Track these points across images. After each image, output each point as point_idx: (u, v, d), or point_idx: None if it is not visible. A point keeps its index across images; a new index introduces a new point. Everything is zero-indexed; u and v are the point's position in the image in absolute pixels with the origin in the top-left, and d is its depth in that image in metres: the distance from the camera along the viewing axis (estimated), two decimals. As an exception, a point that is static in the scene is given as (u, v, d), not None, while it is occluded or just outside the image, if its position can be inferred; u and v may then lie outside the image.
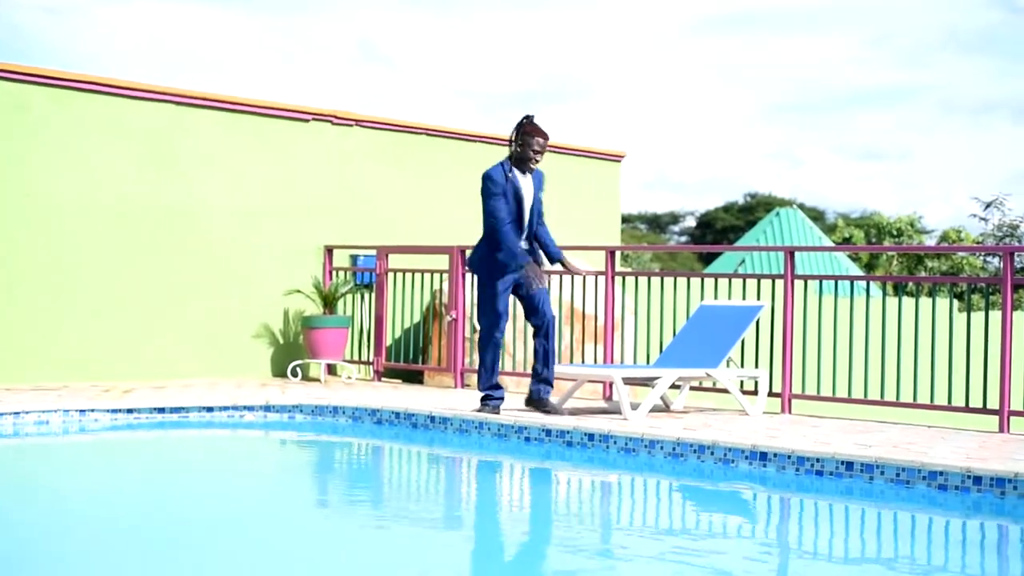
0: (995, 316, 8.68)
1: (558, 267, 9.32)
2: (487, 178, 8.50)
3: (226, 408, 9.33)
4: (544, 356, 8.68)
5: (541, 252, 8.75)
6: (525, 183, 8.56)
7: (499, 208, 8.44)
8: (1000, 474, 6.35)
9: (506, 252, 8.46)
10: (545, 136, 8.52)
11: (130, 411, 8.95)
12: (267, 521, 5.89)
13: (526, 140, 8.48)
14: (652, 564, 5.17)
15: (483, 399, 8.72)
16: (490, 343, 8.65)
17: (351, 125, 12.51)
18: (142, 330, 10.99)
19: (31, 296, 10.41)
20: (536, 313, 8.66)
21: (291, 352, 11.87)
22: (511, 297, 8.78)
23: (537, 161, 8.54)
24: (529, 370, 10.48)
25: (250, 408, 9.40)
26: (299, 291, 11.79)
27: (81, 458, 8.16)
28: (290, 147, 12.06)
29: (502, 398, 8.74)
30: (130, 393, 9.67)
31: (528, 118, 8.54)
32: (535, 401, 8.71)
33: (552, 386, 8.77)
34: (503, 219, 8.44)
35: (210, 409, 9.27)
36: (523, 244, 8.60)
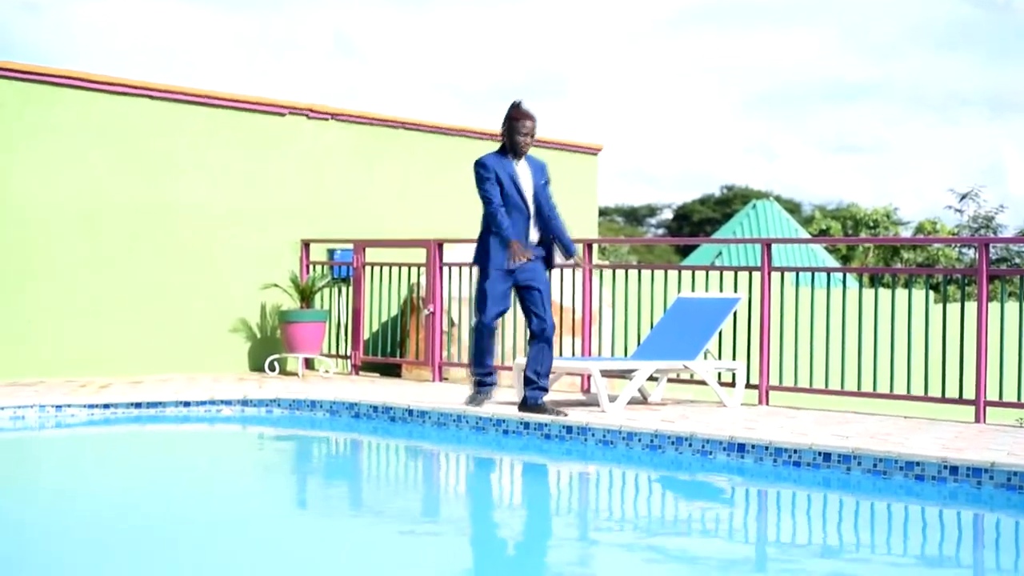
0: (971, 307, 8.71)
1: (565, 260, 8.99)
2: (478, 164, 8.34)
3: (203, 403, 9.30)
4: (540, 362, 8.37)
5: (556, 246, 8.52)
6: (521, 169, 8.39)
7: (490, 192, 8.28)
8: (976, 464, 6.38)
9: (497, 231, 8.27)
10: (532, 118, 8.35)
11: (107, 406, 8.91)
12: (243, 516, 5.87)
13: (513, 125, 8.34)
14: (630, 556, 5.18)
15: (475, 384, 8.58)
16: (480, 329, 8.44)
17: (327, 119, 12.47)
18: (119, 325, 10.94)
19: (7, 293, 10.35)
20: (535, 317, 8.39)
21: (268, 346, 11.84)
22: (511, 294, 8.48)
23: (527, 144, 8.35)
24: (507, 363, 10.47)
25: (227, 402, 9.37)
26: (276, 285, 11.75)
27: (57, 453, 8.13)
28: (266, 141, 12.03)
29: (494, 383, 8.61)
30: (107, 388, 9.63)
31: (515, 104, 8.45)
32: (531, 407, 8.32)
33: (547, 391, 8.48)
34: (494, 202, 8.26)
35: (187, 404, 9.24)
36: (533, 233, 8.41)
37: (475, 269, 8.65)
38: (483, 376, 8.57)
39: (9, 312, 10.36)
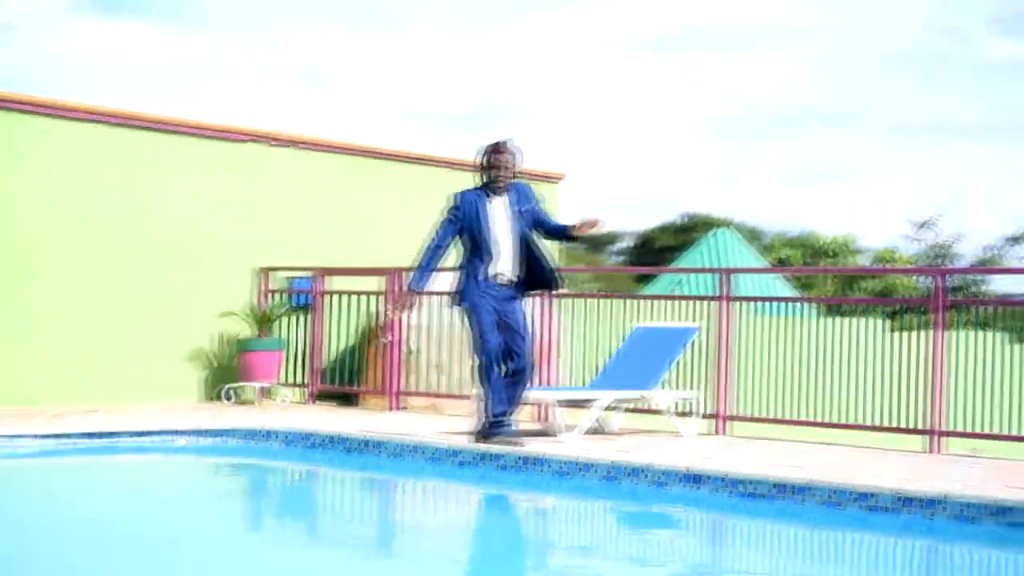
0: (927, 336, 8.76)
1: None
2: (451, 199, 8.36)
3: (157, 433, 9.20)
4: (512, 401, 8.33)
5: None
6: (497, 206, 8.31)
7: (440, 231, 8.34)
8: (930, 495, 6.40)
9: (414, 270, 8.37)
10: (511, 153, 8.32)
11: (59, 436, 8.80)
12: (193, 547, 5.81)
13: (491, 160, 8.32)
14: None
15: (491, 426, 8.29)
16: (488, 364, 8.26)
17: (288, 147, 12.44)
18: (73, 354, 10.83)
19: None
20: (514, 357, 8.32)
21: (225, 375, 11.75)
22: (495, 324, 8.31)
23: (503, 180, 8.31)
24: (463, 392, 10.44)
25: (182, 432, 9.28)
26: (233, 313, 11.68)
27: (6, 484, 8.02)
28: (227, 169, 11.97)
29: (509, 425, 8.31)
30: (60, 418, 9.53)
31: (499, 141, 8.38)
32: (495, 436, 8.25)
33: (510, 428, 8.38)
34: (431, 239, 8.34)
35: (141, 434, 9.14)
36: (508, 268, 8.30)
37: (457, 311, 8.60)
38: (497, 418, 8.27)
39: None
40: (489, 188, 8.36)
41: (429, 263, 8.38)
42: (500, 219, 8.32)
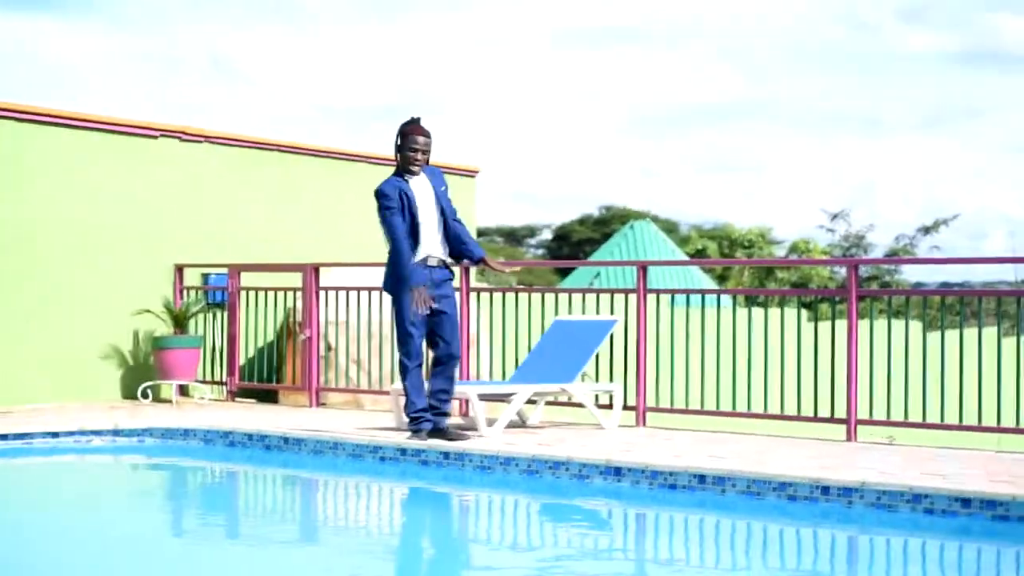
0: (842, 326, 8.87)
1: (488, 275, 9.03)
2: (379, 194, 8.11)
3: (72, 433, 9.06)
4: (441, 393, 8.25)
5: (463, 255, 8.32)
6: (419, 187, 8.18)
7: (395, 225, 8.06)
8: (847, 484, 6.48)
9: (401, 270, 8.08)
10: (426, 134, 8.19)
11: (-30, 438, 8.64)
12: (108, 549, 5.72)
13: (405, 141, 8.16)
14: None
15: (411, 422, 8.25)
16: (406, 365, 8.19)
17: (200, 141, 12.30)
18: (-16, 354, 10.63)
19: None
20: (438, 344, 8.25)
21: (141, 373, 11.60)
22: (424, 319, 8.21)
23: (420, 160, 8.17)
24: (383, 388, 10.40)
25: (98, 433, 9.15)
26: (149, 311, 11.52)
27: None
28: (139, 164, 11.81)
29: (431, 420, 8.22)
30: (-29, 419, 9.36)
31: (410, 119, 8.25)
32: (438, 431, 8.22)
33: (449, 416, 8.39)
34: (399, 237, 8.05)
35: (55, 435, 9.00)
36: (437, 249, 8.21)
37: (387, 299, 8.42)
38: (419, 413, 8.20)
39: None
40: (407, 171, 8.24)
41: (409, 257, 8.12)
42: (422, 201, 8.21)
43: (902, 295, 11.17)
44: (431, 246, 8.24)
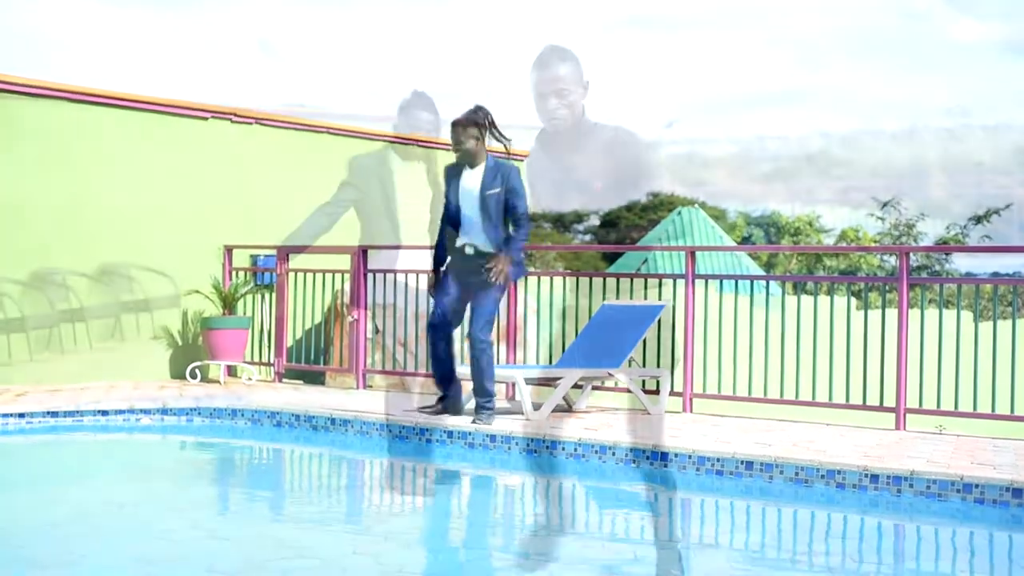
0: (892, 314, 8.78)
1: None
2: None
3: (122, 411, 9.14)
4: (471, 372, 8.35)
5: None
6: (469, 176, 8.36)
7: (444, 206, 8.48)
8: (896, 472, 6.43)
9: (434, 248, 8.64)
10: (456, 126, 8.26)
11: (22, 415, 8.73)
12: (157, 526, 5.76)
13: (451, 135, 8.40)
14: (552, 566, 5.14)
15: (437, 401, 8.65)
16: (428, 331, 8.57)
17: (251, 123, 12.34)
18: (37, 333, 10.73)
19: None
20: (470, 325, 8.40)
21: (190, 353, 11.68)
22: (460, 297, 8.44)
23: (457, 151, 8.31)
24: (429, 370, 10.41)
25: (146, 411, 9.22)
26: (198, 291, 11.60)
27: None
28: (190, 146, 11.87)
29: (451, 406, 8.52)
30: (23, 397, 9.45)
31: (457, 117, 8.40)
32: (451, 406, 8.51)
33: (484, 397, 8.34)
34: (440, 219, 8.53)
35: (105, 412, 9.08)
36: (476, 239, 8.34)
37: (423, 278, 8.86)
38: (443, 393, 8.49)
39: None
40: (459, 161, 8.45)
41: (439, 238, 8.64)
42: (466, 192, 8.36)
43: (953, 283, 11.06)
44: (469, 235, 8.41)
